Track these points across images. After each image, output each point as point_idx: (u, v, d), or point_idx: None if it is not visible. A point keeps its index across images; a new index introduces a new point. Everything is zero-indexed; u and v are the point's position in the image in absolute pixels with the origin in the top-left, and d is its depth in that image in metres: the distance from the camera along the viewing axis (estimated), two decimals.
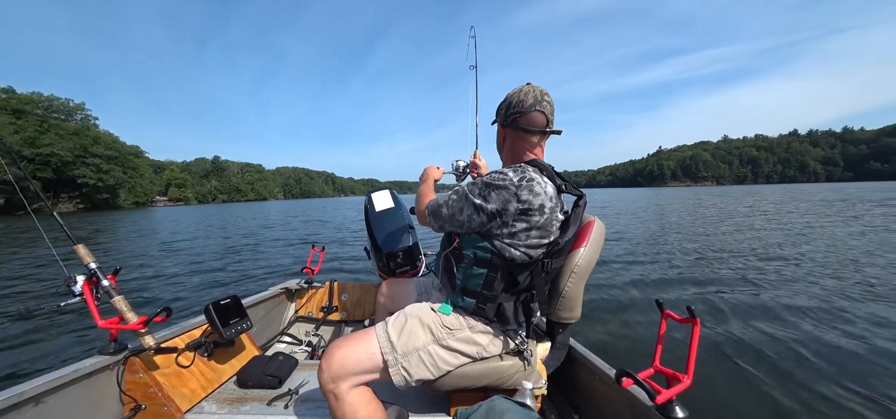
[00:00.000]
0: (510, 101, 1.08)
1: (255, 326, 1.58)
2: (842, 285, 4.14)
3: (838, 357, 2.50)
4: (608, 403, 1.21)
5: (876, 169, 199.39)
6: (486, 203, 0.98)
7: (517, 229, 0.98)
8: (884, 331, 2.90)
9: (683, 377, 0.95)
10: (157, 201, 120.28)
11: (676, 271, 5.04)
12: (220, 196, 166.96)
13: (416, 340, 1.02)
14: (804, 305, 3.49)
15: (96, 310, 1.15)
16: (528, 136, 1.08)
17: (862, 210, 13.25)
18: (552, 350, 1.29)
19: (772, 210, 14.84)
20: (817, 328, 2.99)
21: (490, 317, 1.05)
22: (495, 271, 1.01)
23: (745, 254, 5.98)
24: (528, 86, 1.09)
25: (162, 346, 1.27)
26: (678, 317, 1.01)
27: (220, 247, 8.85)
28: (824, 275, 4.60)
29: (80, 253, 1.18)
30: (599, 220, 1.20)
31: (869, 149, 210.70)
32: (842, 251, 5.96)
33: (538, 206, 0.97)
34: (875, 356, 2.50)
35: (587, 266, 1.12)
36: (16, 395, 0.95)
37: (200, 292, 4.68)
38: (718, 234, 8.39)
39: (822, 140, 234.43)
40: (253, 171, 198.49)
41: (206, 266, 6.56)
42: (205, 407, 1.30)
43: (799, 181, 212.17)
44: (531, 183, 0.97)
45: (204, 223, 18.22)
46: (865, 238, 7.23)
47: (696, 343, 0.94)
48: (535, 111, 1.05)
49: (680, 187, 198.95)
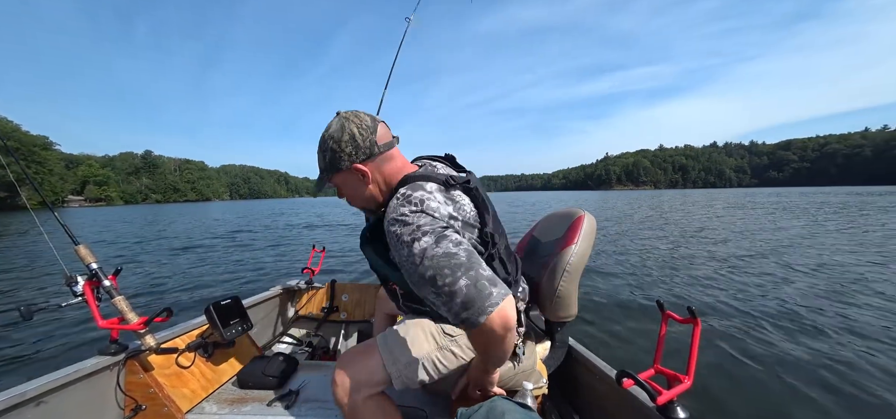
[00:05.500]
0: (352, 135, 0.86)
1: (256, 327, 1.56)
2: (832, 285, 4.32)
3: (838, 357, 2.55)
4: (609, 404, 1.20)
5: (773, 177, 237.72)
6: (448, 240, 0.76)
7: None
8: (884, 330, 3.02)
9: (684, 378, 0.93)
10: (69, 201, 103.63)
11: (673, 273, 5.17)
12: (153, 195, 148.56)
13: (418, 349, 1.01)
14: (804, 306, 3.59)
15: (97, 310, 1.11)
16: (389, 155, 0.91)
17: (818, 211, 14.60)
18: (552, 349, 1.29)
19: (738, 212, 15.62)
20: (816, 328, 3.08)
21: None
22: None
23: (724, 257, 6.09)
24: (346, 114, 0.90)
25: (162, 347, 1.24)
26: (679, 317, 0.99)
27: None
28: (812, 275, 4.86)
29: (82, 253, 1.14)
30: (590, 215, 1.19)
31: (769, 160, 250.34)
32: (831, 255, 6.27)
33: (447, 218, 0.82)
34: (874, 355, 2.56)
35: (580, 263, 1.11)
36: (18, 395, 0.93)
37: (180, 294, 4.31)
38: (699, 235, 8.81)
39: (734, 151, 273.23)
40: (194, 168, 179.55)
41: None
42: (205, 407, 1.28)
43: (718, 186, 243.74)
44: (424, 205, 0.80)
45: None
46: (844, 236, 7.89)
47: (696, 343, 0.93)
48: (380, 124, 0.91)
49: (625, 190, 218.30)
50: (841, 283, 4.40)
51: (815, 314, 3.44)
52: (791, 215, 13.68)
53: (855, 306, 3.63)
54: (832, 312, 3.48)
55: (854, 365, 2.48)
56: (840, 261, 5.60)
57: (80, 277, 1.10)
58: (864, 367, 2.44)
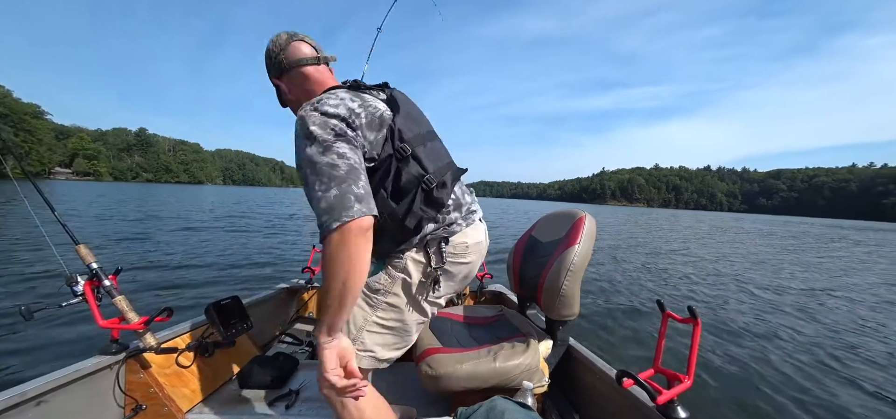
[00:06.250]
0: (267, 52, 0.99)
1: (256, 326, 1.56)
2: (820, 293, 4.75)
3: (838, 356, 2.70)
4: (609, 403, 1.20)
5: (763, 204, 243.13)
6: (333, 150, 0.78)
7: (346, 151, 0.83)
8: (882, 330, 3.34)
9: (684, 378, 0.93)
10: (56, 173, 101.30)
11: (668, 277, 5.46)
12: (144, 174, 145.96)
13: (358, 320, 0.97)
14: (803, 308, 3.85)
15: (97, 310, 1.10)
16: (303, 71, 0.97)
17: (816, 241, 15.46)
18: (553, 347, 1.30)
19: (739, 236, 16.52)
20: (817, 330, 3.25)
21: (406, 237, 0.94)
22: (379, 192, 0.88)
23: (727, 273, 6.45)
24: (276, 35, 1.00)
25: (163, 346, 1.22)
26: (679, 317, 0.99)
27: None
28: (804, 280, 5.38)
29: (82, 252, 1.14)
30: (590, 216, 1.20)
31: (759, 187, 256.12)
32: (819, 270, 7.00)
33: (348, 112, 0.82)
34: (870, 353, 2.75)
35: (582, 263, 1.13)
36: (18, 395, 0.91)
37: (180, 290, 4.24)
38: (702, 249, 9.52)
39: (727, 176, 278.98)
40: (188, 149, 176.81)
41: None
42: (205, 407, 1.28)
43: (709, 209, 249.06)
44: (322, 104, 0.83)
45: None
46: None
47: (696, 344, 0.92)
48: (293, 43, 0.97)
49: (618, 206, 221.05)
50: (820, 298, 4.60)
51: (808, 321, 3.67)
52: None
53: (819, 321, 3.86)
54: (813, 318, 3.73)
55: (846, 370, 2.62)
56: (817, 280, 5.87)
57: (80, 277, 1.10)
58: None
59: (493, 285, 2.13)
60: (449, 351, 1.22)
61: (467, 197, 1.06)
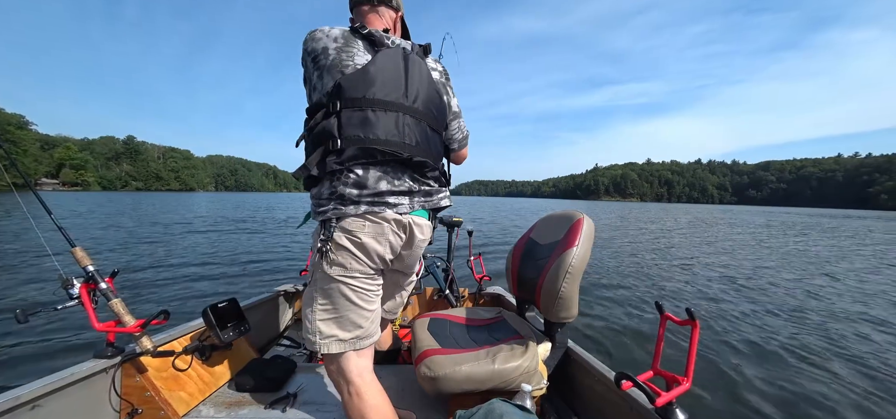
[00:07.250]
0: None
1: (254, 329, 1.54)
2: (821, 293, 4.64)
3: (838, 356, 2.68)
4: (608, 405, 1.18)
5: (752, 195, 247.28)
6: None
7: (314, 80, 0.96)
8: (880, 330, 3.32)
9: (683, 380, 0.92)
10: (43, 184, 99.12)
11: (668, 278, 5.39)
12: (134, 183, 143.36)
13: (307, 303, 1.00)
14: (802, 308, 3.82)
15: (93, 313, 1.08)
16: (360, 9, 1.10)
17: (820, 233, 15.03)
18: (552, 350, 1.29)
19: (730, 230, 16.00)
20: (816, 330, 3.25)
21: (309, 188, 0.97)
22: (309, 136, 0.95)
23: (727, 266, 6.43)
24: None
25: (159, 350, 1.21)
26: (678, 319, 0.98)
27: None
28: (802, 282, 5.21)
29: (78, 255, 1.12)
30: (588, 218, 1.20)
31: (748, 179, 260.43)
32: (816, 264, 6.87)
33: (322, 50, 0.94)
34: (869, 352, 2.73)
35: (580, 265, 1.12)
36: (12, 399, 0.90)
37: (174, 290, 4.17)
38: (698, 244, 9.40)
39: (717, 169, 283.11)
40: (179, 156, 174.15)
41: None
42: (202, 411, 1.26)
43: (701, 202, 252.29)
44: (313, 34, 0.97)
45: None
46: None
47: (695, 345, 0.92)
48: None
49: (612, 201, 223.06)
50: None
51: (808, 317, 3.67)
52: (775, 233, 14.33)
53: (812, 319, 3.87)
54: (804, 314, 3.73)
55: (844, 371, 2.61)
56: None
57: (76, 280, 1.08)
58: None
59: (491, 287, 2.12)
60: (447, 352, 1.21)
61: (393, 183, 0.95)
